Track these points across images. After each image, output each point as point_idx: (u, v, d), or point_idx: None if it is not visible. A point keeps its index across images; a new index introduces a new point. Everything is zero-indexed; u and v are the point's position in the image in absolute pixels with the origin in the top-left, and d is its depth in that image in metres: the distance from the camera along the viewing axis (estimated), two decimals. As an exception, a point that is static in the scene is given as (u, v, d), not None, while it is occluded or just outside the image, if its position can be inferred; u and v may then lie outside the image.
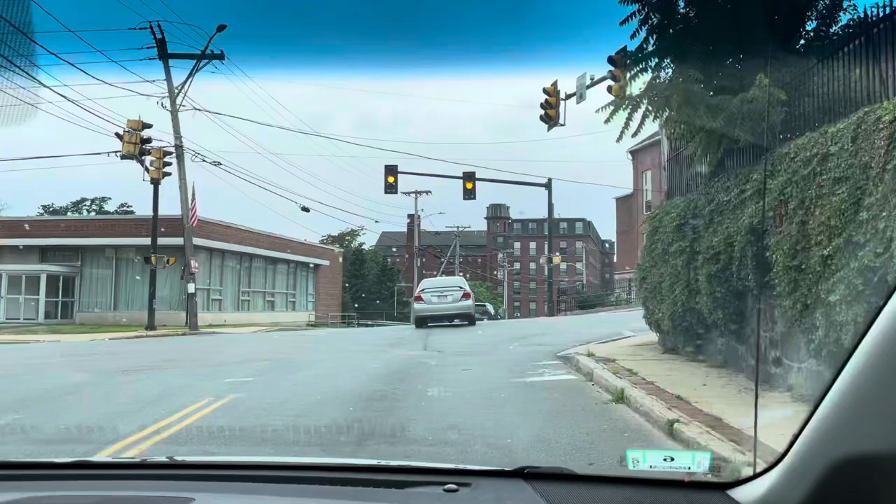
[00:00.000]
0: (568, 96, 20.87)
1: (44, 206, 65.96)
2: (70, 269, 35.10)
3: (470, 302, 23.95)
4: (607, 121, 9.42)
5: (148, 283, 32.85)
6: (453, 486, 1.98)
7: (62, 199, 75.94)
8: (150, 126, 24.96)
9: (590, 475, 2.20)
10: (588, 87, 20.07)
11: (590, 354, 11.46)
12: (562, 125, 20.97)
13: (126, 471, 2.41)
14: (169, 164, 27.06)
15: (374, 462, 2.52)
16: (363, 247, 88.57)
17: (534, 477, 2.04)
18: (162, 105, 28.61)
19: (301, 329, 36.09)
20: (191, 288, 28.60)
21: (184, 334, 27.65)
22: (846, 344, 5.02)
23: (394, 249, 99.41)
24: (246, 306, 40.33)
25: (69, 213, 59.86)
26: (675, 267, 10.43)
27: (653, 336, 13.21)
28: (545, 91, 20.92)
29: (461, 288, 24.20)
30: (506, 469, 2.15)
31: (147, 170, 25.94)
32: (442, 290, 24.11)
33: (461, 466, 2.31)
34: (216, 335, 26.26)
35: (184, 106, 29.11)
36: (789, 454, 1.55)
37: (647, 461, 2.03)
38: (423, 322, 23.33)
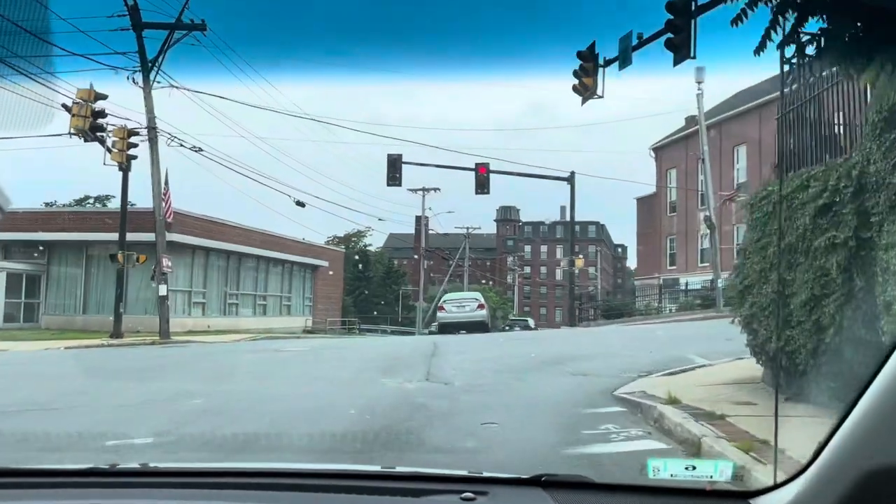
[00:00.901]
0: (608, 62, 17.06)
1: (46, 204, 62.62)
2: (35, 266, 31.51)
3: (485, 312, 27.44)
4: (736, 22, 5.65)
5: (124, 284, 29.33)
6: (470, 495, 1.94)
7: (66, 196, 72.51)
8: (104, 97, 21.23)
9: (609, 484, 2.13)
10: (635, 48, 16.24)
11: (672, 400, 7.66)
12: (599, 97, 17.16)
13: (134, 478, 2.29)
14: (135, 145, 23.38)
15: (386, 469, 2.44)
16: (369, 248, 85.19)
17: (551, 485, 2.00)
18: (133, 80, 25.00)
19: (294, 336, 32.39)
20: (162, 290, 24.88)
21: (152, 343, 24.01)
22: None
23: (414, 256, 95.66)
24: (233, 310, 36.64)
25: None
26: (820, 272, 6.63)
27: (748, 367, 9.43)
28: (580, 56, 17.10)
29: (476, 300, 28.52)
30: (523, 477, 2.08)
31: (109, 150, 22.25)
32: (461, 301, 28.56)
33: (477, 474, 2.16)
34: (187, 346, 22.56)
35: (159, 82, 25.49)
36: (815, 464, 1.55)
37: (668, 470, 2.01)
38: (444, 329, 26.70)
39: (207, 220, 33.35)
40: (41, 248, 31.25)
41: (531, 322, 53.17)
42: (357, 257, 68.91)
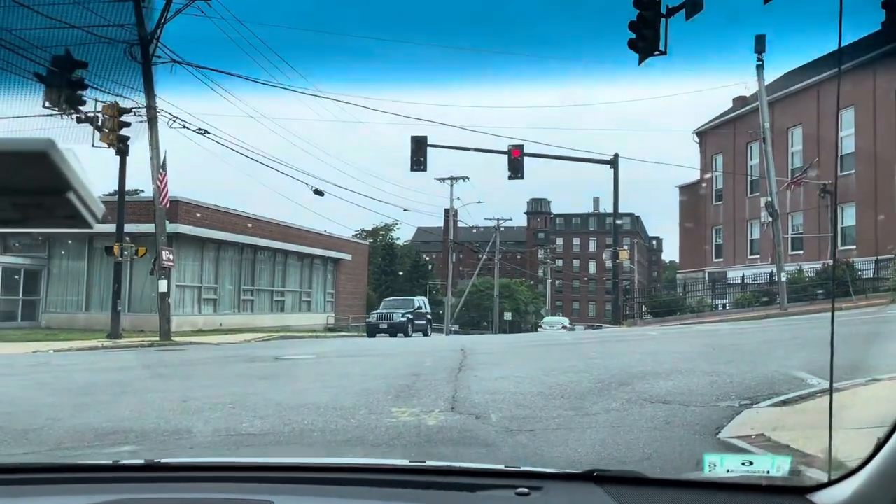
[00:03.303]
0: (671, 11, 14.22)
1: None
2: (35, 261, 29.47)
3: (565, 331, 40.11)
4: None
5: (128, 280, 27.23)
6: (525, 490, 1.94)
7: (97, 188, 70.95)
8: (83, 65, 18.85)
9: (663, 479, 2.09)
10: (707, -10, 13.37)
11: (843, 470, 4.86)
12: (661, 53, 14.29)
13: (201, 473, 2.26)
14: (127, 124, 21.03)
15: (442, 464, 2.40)
16: (397, 241, 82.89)
17: (604, 480, 1.97)
18: (131, 55, 22.68)
19: (312, 336, 30.02)
20: (162, 286, 22.59)
21: (151, 345, 21.77)
22: None
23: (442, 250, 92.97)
24: (248, 307, 34.33)
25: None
26: None
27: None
28: (637, 4, 14.26)
29: (562, 323, 48.29)
30: (575, 472, 2.08)
31: (99, 130, 19.90)
32: (552, 324, 47.71)
33: (530, 469, 2.18)
34: (184, 349, 20.21)
35: (159, 56, 23.15)
36: (879, 455, 1.50)
37: (724, 465, 1.99)
38: None
39: (218, 209, 31.05)
40: (41, 240, 29.20)
41: (605, 327, 66.42)
42: (383, 251, 66.42)
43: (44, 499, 1.97)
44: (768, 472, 1.96)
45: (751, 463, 2.01)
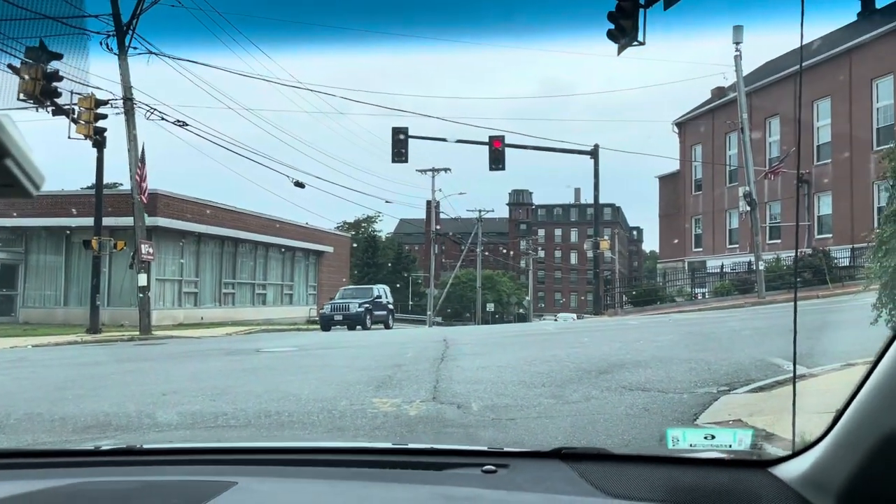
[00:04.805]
0: (650, 1, 14.26)
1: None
2: (12, 255, 29.08)
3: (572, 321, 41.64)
4: None
5: (107, 274, 26.97)
6: (491, 468, 1.96)
7: (77, 182, 69.83)
8: (58, 56, 18.56)
9: (628, 455, 2.17)
10: (684, -19, 13.42)
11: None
12: (640, 43, 14.36)
13: (169, 456, 2.29)
14: (104, 116, 20.75)
15: (410, 445, 2.51)
16: (379, 233, 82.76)
17: (571, 457, 2.01)
18: (107, 46, 22.38)
19: (294, 329, 29.95)
20: (142, 280, 22.40)
21: (131, 339, 21.62)
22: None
23: (425, 241, 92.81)
24: (230, 300, 34.11)
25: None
26: None
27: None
28: (616, -7, 14.30)
29: (572, 318, 48.54)
30: (542, 450, 2.11)
31: (75, 122, 19.63)
32: (564, 317, 51.17)
33: (497, 448, 2.20)
34: (167, 342, 20.09)
35: (135, 48, 22.86)
36: (836, 428, 1.56)
37: (687, 440, 2.02)
38: None
39: (197, 202, 30.80)
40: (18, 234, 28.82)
41: (586, 317, 70.67)
42: (365, 242, 66.27)
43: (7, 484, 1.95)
44: (730, 445, 2.00)
45: (713, 437, 2.03)
